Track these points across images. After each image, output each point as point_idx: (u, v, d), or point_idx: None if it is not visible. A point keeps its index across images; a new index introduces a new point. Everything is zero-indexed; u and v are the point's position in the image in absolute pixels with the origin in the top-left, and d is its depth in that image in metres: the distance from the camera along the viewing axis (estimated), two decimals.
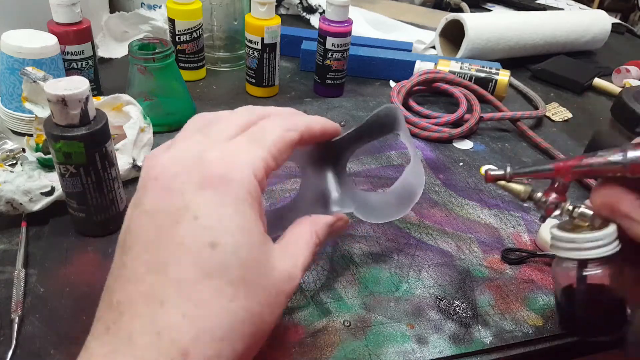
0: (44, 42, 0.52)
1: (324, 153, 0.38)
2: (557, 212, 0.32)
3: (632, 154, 0.28)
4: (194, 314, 0.23)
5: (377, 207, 0.42)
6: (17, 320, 0.36)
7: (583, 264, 0.31)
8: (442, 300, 0.41)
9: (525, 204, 0.53)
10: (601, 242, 0.30)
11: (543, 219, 0.34)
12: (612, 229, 0.30)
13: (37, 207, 0.43)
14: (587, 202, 0.32)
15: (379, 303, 0.40)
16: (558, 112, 0.74)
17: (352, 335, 0.38)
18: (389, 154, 0.60)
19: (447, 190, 0.55)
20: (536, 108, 0.74)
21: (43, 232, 0.44)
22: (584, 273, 0.31)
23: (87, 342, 0.25)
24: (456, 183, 0.56)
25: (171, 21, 0.67)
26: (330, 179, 0.38)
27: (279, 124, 0.29)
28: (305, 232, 0.32)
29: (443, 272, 0.44)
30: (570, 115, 0.74)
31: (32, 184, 0.43)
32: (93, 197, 0.41)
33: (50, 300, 0.38)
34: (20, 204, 0.43)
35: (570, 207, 0.32)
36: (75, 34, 0.57)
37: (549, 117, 0.73)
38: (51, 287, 0.39)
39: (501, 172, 0.33)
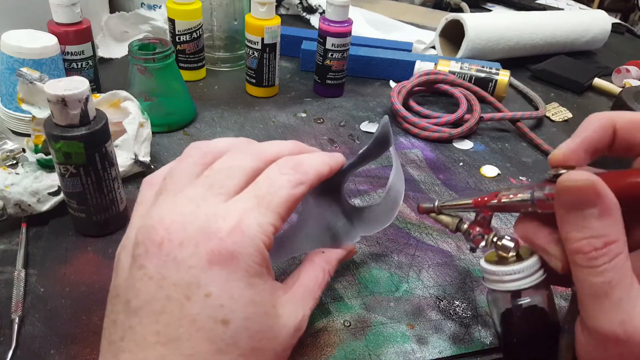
0: (44, 42, 0.52)
1: (327, 183, 0.36)
2: (482, 244, 0.34)
3: (537, 193, 0.29)
4: None
5: (372, 219, 0.41)
6: (17, 320, 0.36)
7: (515, 293, 0.32)
8: (442, 301, 0.41)
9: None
10: (522, 275, 0.31)
11: (472, 250, 0.36)
12: (533, 260, 0.31)
13: (45, 207, 0.43)
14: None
15: (379, 303, 0.40)
16: (558, 112, 0.74)
17: (352, 336, 0.38)
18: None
19: (447, 190, 0.55)
20: (536, 108, 0.74)
21: (43, 232, 0.44)
22: (516, 303, 0.32)
23: None
24: (456, 183, 0.56)
25: (171, 21, 0.67)
26: (335, 208, 0.38)
27: (289, 179, 0.28)
28: (318, 274, 0.32)
29: (443, 272, 0.44)
30: (570, 115, 0.74)
31: (39, 184, 0.43)
32: (93, 197, 0.41)
33: (50, 300, 0.38)
34: (29, 205, 0.43)
35: (495, 239, 0.33)
36: (75, 34, 0.57)
37: (549, 117, 0.73)
38: (51, 287, 0.39)
39: (430, 205, 0.36)
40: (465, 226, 0.35)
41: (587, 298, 0.27)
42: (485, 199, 0.33)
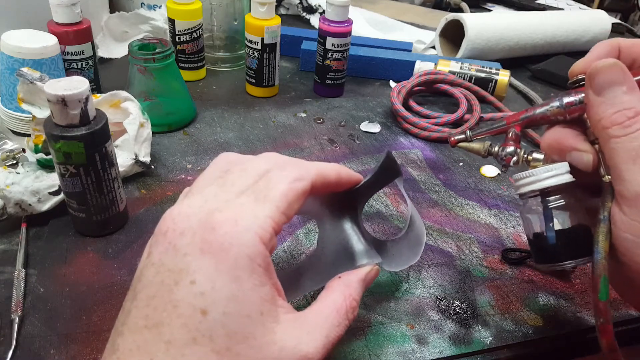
0: (44, 42, 0.52)
1: (342, 203, 0.36)
2: (514, 159, 0.37)
3: (566, 99, 0.34)
4: None
5: (396, 254, 0.40)
6: (17, 320, 0.36)
7: (545, 194, 0.34)
8: (442, 300, 0.41)
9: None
10: (555, 172, 0.34)
11: (504, 168, 0.38)
12: (564, 163, 0.34)
13: (45, 207, 0.43)
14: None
15: (379, 303, 0.40)
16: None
17: (352, 335, 0.38)
18: None
19: (447, 190, 0.55)
20: None
21: (43, 232, 0.44)
22: (548, 205, 0.34)
23: None
24: (456, 183, 0.56)
25: (171, 21, 0.67)
26: (351, 229, 0.36)
27: (287, 175, 0.29)
28: (337, 299, 0.30)
29: (443, 272, 0.44)
30: None
31: (40, 184, 0.43)
32: (93, 197, 0.41)
33: (50, 300, 0.38)
34: (29, 204, 0.43)
35: (525, 154, 0.36)
36: (75, 34, 0.57)
37: None
38: (51, 287, 0.39)
39: (462, 136, 0.39)
40: (496, 148, 0.38)
41: (625, 165, 0.30)
42: (518, 114, 0.36)
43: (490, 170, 0.59)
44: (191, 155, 0.56)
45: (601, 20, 0.94)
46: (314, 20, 0.96)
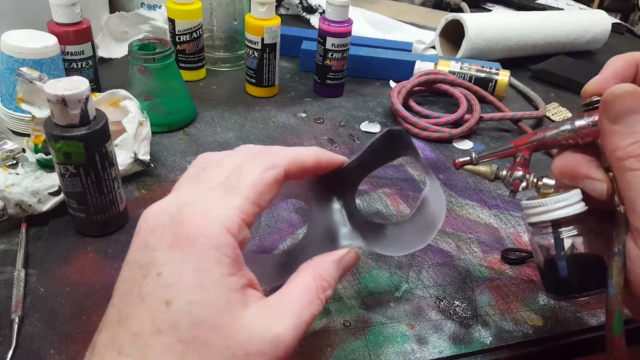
0: (44, 42, 0.52)
1: (329, 186, 0.35)
2: (523, 185, 0.35)
3: (578, 122, 0.32)
4: None
5: (396, 238, 0.38)
6: (17, 320, 0.36)
7: (556, 225, 0.32)
8: (442, 301, 0.41)
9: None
10: (567, 202, 0.32)
11: (513, 194, 0.36)
12: (576, 191, 0.32)
13: (45, 207, 0.43)
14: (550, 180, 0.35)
15: (379, 303, 0.40)
16: (558, 112, 0.74)
17: (352, 336, 0.38)
18: None
19: (447, 190, 0.55)
20: (536, 108, 0.74)
21: (43, 232, 0.44)
22: (560, 236, 0.32)
23: None
24: (456, 183, 0.56)
25: (171, 21, 0.67)
26: (337, 212, 0.36)
27: (258, 165, 0.28)
28: (307, 281, 0.29)
29: (443, 272, 0.44)
30: (570, 115, 0.74)
31: (40, 184, 0.43)
32: (93, 197, 0.41)
33: (50, 300, 0.38)
34: (30, 205, 0.43)
35: (535, 179, 0.34)
36: (75, 34, 0.57)
37: (549, 117, 0.73)
38: (51, 287, 0.39)
39: (468, 158, 0.37)
40: (504, 172, 0.36)
41: None
42: (526, 138, 0.34)
43: None
44: (191, 156, 0.56)
45: (601, 20, 0.94)
46: (314, 20, 0.96)
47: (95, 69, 0.61)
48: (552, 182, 0.33)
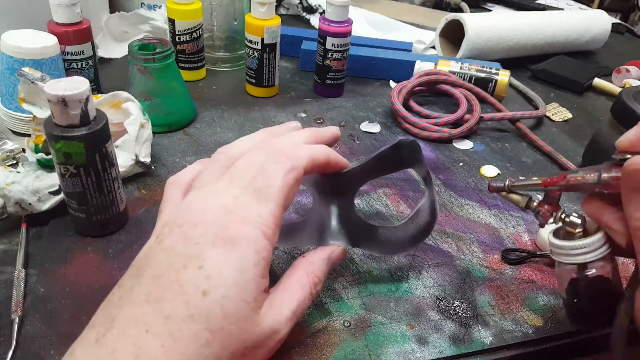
0: (44, 42, 0.52)
1: (330, 183, 0.38)
2: (551, 220, 0.36)
3: (605, 175, 0.32)
4: (171, 347, 0.26)
5: (384, 241, 0.41)
6: (17, 320, 0.36)
7: (581, 265, 0.34)
8: (442, 301, 0.41)
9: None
10: (588, 249, 0.33)
11: (541, 226, 0.38)
12: (599, 235, 0.33)
13: (45, 206, 0.43)
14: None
15: (379, 303, 0.40)
16: (558, 112, 0.74)
17: (352, 336, 0.38)
18: None
19: (447, 190, 0.55)
20: (536, 108, 0.74)
21: (43, 232, 0.44)
22: (582, 274, 0.34)
23: (74, 346, 0.27)
24: (456, 183, 0.56)
25: (171, 21, 0.67)
26: (333, 210, 0.39)
27: (282, 167, 0.31)
28: (300, 276, 0.34)
29: (443, 272, 0.44)
30: (570, 115, 0.74)
31: (40, 183, 0.43)
32: (93, 197, 0.41)
33: (50, 300, 0.38)
34: (29, 204, 0.43)
35: (563, 216, 0.35)
36: (75, 34, 0.57)
37: (549, 117, 0.73)
38: (51, 287, 0.39)
39: (501, 185, 0.38)
40: (535, 204, 0.37)
41: None
42: (554, 179, 0.35)
43: (490, 171, 0.59)
44: (191, 156, 0.56)
45: (601, 20, 0.94)
46: (314, 20, 0.96)
47: (95, 69, 0.61)
48: (578, 221, 0.34)
